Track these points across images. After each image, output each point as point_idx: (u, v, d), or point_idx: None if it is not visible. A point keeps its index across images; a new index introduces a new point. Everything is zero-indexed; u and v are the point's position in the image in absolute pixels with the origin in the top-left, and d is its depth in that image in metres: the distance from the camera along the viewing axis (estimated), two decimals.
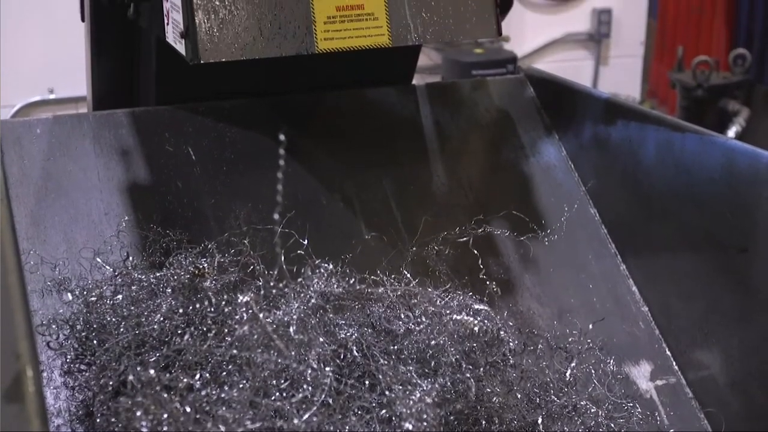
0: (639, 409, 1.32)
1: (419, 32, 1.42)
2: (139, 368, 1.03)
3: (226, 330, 1.10)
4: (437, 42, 1.51)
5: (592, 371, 1.34)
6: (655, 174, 1.51)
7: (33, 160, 1.43)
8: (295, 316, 1.12)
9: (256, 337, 1.06)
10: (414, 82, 1.79)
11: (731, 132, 4.07)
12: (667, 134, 1.48)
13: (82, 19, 1.71)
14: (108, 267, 1.31)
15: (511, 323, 1.34)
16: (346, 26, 1.38)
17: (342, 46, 1.38)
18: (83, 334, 1.19)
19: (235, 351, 1.06)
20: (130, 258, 1.33)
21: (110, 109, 1.54)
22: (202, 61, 1.31)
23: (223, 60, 1.32)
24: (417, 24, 1.42)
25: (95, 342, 1.17)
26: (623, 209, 1.60)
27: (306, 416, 1.02)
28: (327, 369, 1.08)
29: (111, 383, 1.09)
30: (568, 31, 4.93)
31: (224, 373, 1.06)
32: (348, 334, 1.16)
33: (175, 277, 1.20)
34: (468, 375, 1.15)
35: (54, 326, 1.21)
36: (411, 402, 1.06)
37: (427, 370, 1.15)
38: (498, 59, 4.36)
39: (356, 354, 1.14)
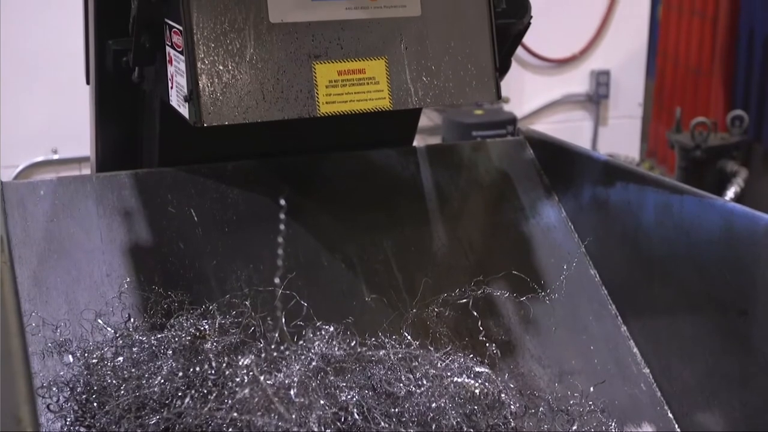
0: None
1: (420, 96, 1.44)
2: (139, 431, 1.03)
3: (226, 393, 1.10)
4: (437, 105, 1.53)
5: None
6: (654, 235, 1.52)
7: (36, 221, 1.44)
8: (296, 379, 1.12)
9: (256, 400, 1.06)
10: (414, 142, 1.81)
11: (730, 192, 4.09)
12: (665, 196, 1.49)
13: (87, 82, 1.73)
14: (109, 328, 1.31)
15: (512, 385, 1.34)
16: (347, 90, 1.40)
17: (344, 109, 1.40)
18: (83, 396, 1.19)
19: (235, 414, 1.06)
20: (132, 319, 1.33)
21: (114, 171, 1.55)
22: (205, 125, 1.33)
23: (226, 123, 1.34)
24: (417, 88, 1.44)
25: (95, 404, 1.17)
26: (623, 270, 1.60)
27: None
28: None
29: None
30: (567, 92, 4.98)
31: None
32: (349, 396, 1.16)
33: (176, 339, 1.21)
34: None
35: (54, 388, 1.20)
36: None
37: None
38: (498, 120, 4.39)
39: (357, 417, 1.13)
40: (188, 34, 1.33)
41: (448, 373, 1.22)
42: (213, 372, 1.14)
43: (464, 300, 1.46)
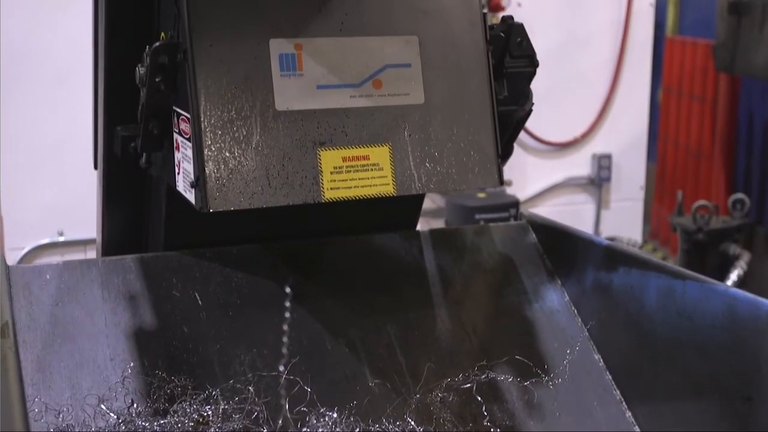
0: None
1: (423, 182, 1.45)
2: None
3: None
4: (440, 191, 1.55)
5: None
6: (657, 320, 1.52)
7: (41, 305, 1.44)
8: None
9: None
10: (418, 224, 1.82)
11: (734, 275, 4.09)
12: (668, 281, 1.50)
13: (95, 167, 1.75)
14: (112, 414, 1.31)
15: None
16: (351, 176, 1.42)
17: (348, 195, 1.41)
18: None
19: None
20: (135, 405, 1.33)
21: (119, 254, 1.56)
22: (211, 210, 1.34)
23: (232, 209, 1.36)
24: (421, 174, 1.45)
25: None
26: (627, 355, 1.60)
27: None
28: None
29: None
30: (569, 175, 5.02)
31: None
32: None
33: (179, 425, 1.20)
34: None
35: None
36: None
37: None
38: (500, 203, 4.42)
39: None
40: (196, 122, 1.35)
41: None
42: None
43: (468, 385, 1.46)
